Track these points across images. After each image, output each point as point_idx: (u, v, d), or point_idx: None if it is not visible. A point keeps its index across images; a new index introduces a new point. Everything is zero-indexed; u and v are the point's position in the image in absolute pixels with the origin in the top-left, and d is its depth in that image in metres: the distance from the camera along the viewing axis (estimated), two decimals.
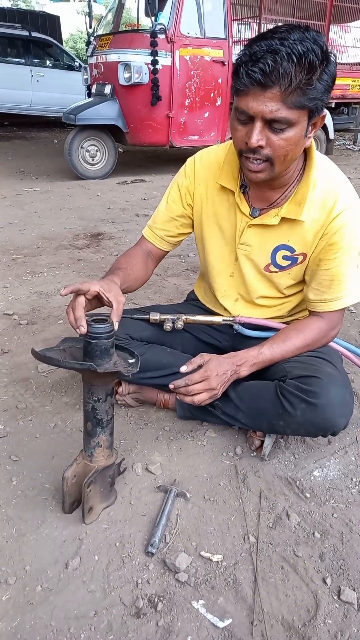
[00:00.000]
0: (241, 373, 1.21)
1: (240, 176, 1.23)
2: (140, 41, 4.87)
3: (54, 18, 12.39)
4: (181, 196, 1.33)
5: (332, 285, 1.18)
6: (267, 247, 1.25)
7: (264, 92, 0.94)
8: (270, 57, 0.91)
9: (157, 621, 0.90)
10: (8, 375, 1.66)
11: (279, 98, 0.94)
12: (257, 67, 0.92)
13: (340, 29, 8.61)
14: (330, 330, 1.25)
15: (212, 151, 1.31)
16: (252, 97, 0.96)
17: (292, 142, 1.00)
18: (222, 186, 1.25)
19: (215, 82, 5.30)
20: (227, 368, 1.18)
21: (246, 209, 1.23)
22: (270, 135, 0.99)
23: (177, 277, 2.63)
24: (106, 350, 0.98)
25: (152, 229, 1.40)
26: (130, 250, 1.40)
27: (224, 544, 1.06)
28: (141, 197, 4.62)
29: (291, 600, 0.95)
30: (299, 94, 0.94)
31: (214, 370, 1.16)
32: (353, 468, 1.29)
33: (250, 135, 0.99)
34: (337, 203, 1.13)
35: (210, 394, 1.17)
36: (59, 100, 8.78)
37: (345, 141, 9.07)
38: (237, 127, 1.04)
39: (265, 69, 0.91)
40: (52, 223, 3.62)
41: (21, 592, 0.95)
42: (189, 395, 1.16)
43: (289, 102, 0.94)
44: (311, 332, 1.23)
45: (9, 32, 8.97)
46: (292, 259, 1.24)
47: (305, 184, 1.15)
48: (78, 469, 1.08)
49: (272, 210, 1.20)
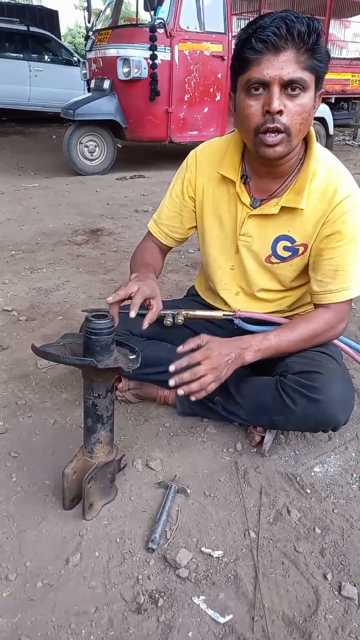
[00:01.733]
0: (246, 358, 1.14)
1: (242, 167, 1.23)
2: (139, 36, 4.84)
3: (52, 12, 12.30)
4: (183, 189, 1.34)
5: (337, 275, 1.17)
6: (268, 238, 1.24)
7: (277, 55, 0.96)
8: (281, 21, 0.95)
9: (157, 617, 0.90)
10: (7, 372, 1.65)
11: (293, 60, 0.96)
12: (269, 31, 0.95)
13: (340, 24, 8.58)
14: (338, 322, 1.22)
15: (213, 142, 1.32)
16: (265, 64, 0.97)
17: (307, 109, 1.02)
18: (223, 177, 1.25)
19: (214, 77, 5.28)
20: (231, 350, 1.12)
21: (247, 200, 1.23)
22: (286, 102, 1.00)
23: (177, 273, 2.62)
24: (106, 346, 0.97)
25: (158, 224, 1.41)
26: (146, 245, 1.43)
27: (225, 539, 1.06)
28: (140, 192, 4.61)
29: (292, 595, 0.95)
30: (310, 55, 0.97)
31: (216, 349, 1.10)
32: (353, 464, 1.29)
33: (270, 101, 0.99)
34: (337, 191, 1.13)
35: (214, 376, 1.08)
36: (57, 96, 8.73)
37: (345, 137, 9.04)
38: (249, 103, 1.03)
39: (279, 31, 0.94)
40: (51, 219, 3.61)
41: (22, 588, 0.94)
42: (195, 378, 1.07)
43: (303, 63, 0.97)
44: (319, 323, 1.20)
45: (7, 26, 8.90)
46: (293, 249, 1.23)
47: (305, 173, 1.15)
48: (78, 465, 1.07)
49: (272, 200, 1.20)
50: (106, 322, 0.97)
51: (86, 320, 0.98)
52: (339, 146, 8.10)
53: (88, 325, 0.96)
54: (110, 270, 2.62)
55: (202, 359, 1.09)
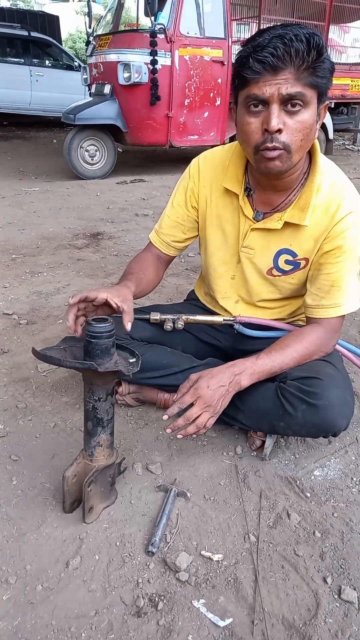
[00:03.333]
0: (242, 383, 1.14)
1: (245, 179, 1.22)
2: (139, 41, 4.87)
3: (53, 18, 12.39)
4: (186, 199, 1.33)
5: (332, 290, 1.17)
6: (270, 251, 1.24)
7: (276, 75, 0.95)
8: (279, 41, 0.92)
9: (157, 620, 0.90)
10: (8, 375, 1.66)
11: (292, 77, 0.95)
12: (267, 52, 0.93)
13: (340, 30, 8.63)
14: (329, 338, 1.22)
15: (217, 152, 1.30)
16: (264, 83, 0.96)
17: (307, 125, 1.00)
18: (227, 189, 1.24)
19: (214, 82, 5.30)
20: (222, 379, 1.11)
21: (250, 213, 1.23)
22: (286, 119, 0.98)
23: (177, 277, 2.63)
24: (107, 350, 0.98)
25: (159, 233, 1.40)
26: (140, 255, 1.41)
27: (225, 543, 1.06)
28: (140, 197, 4.62)
29: (292, 599, 0.95)
30: (310, 72, 0.95)
31: (205, 386, 1.10)
32: (353, 467, 1.29)
33: (268, 120, 0.98)
34: (340, 207, 1.12)
35: (210, 413, 1.10)
36: (58, 100, 8.78)
37: (345, 141, 9.07)
38: (249, 121, 1.02)
39: (276, 52, 0.92)
40: (52, 223, 3.62)
41: (22, 591, 0.95)
42: (190, 422, 1.09)
43: (303, 80, 0.96)
44: (310, 340, 1.19)
45: (8, 31, 8.97)
46: (295, 263, 1.23)
47: (309, 188, 1.14)
48: (78, 468, 1.08)
49: (275, 215, 1.20)
50: (106, 326, 0.97)
51: (86, 324, 0.98)
52: (338, 150, 8.13)
53: (88, 329, 0.97)
54: (110, 274, 2.62)
55: (193, 400, 1.09)
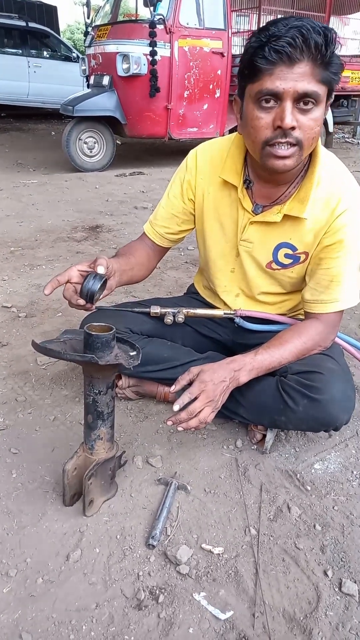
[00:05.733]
0: (240, 379, 1.13)
1: (244, 171, 1.20)
2: (138, 32, 4.82)
3: (51, 8, 12.26)
4: (182, 191, 1.30)
5: (331, 285, 1.15)
6: (269, 245, 1.23)
7: (292, 67, 0.91)
8: (296, 31, 0.88)
9: (158, 613, 0.90)
10: (7, 368, 1.65)
11: (309, 72, 0.91)
12: (284, 41, 0.88)
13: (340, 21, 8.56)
14: (328, 333, 1.21)
15: (215, 144, 1.27)
16: (278, 75, 0.92)
17: (319, 122, 0.98)
18: (225, 181, 1.22)
19: (214, 74, 5.26)
20: (224, 374, 1.11)
21: (249, 205, 1.20)
22: (299, 116, 0.95)
23: (177, 270, 2.62)
24: (107, 343, 0.97)
25: (153, 225, 1.37)
26: (132, 242, 1.40)
27: (225, 536, 1.06)
28: (139, 189, 4.60)
29: (292, 592, 0.95)
30: (324, 67, 0.92)
31: (209, 380, 1.09)
32: (353, 461, 1.29)
33: (282, 116, 0.94)
34: (340, 202, 1.10)
35: (212, 407, 1.09)
36: (56, 92, 8.70)
37: (345, 134, 9.03)
38: (259, 116, 0.98)
39: (294, 42, 0.88)
40: (50, 215, 3.60)
41: (22, 584, 0.94)
42: (192, 416, 1.07)
43: (318, 76, 0.92)
44: (309, 335, 1.18)
45: (5, 22, 8.87)
46: (294, 257, 1.22)
47: (309, 180, 1.12)
48: (78, 461, 1.07)
49: (274, 207, 1.18)
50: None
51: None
52: (338, 144, 8.09)
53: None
54: None
55: (198, 393, 1.08)
